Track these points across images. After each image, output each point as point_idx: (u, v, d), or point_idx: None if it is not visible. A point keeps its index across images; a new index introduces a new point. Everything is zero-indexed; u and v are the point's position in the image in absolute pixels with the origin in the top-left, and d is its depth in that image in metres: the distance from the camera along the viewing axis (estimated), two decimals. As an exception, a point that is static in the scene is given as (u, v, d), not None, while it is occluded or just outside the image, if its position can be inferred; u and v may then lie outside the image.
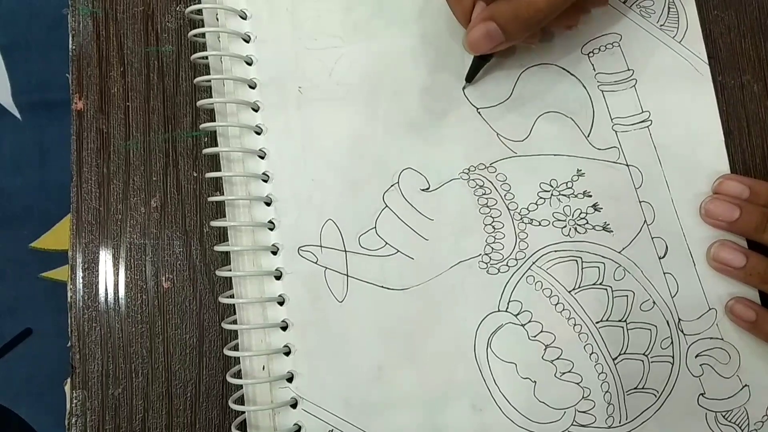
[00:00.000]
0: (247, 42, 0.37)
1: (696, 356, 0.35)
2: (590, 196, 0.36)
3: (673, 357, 0.35)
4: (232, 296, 0.35)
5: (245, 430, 0.34)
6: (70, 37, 0.39)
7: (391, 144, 0.37)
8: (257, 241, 0.36)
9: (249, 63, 0.37)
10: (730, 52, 0.38)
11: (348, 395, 0.35)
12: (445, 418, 0.35)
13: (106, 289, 0.37)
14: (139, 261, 0.38)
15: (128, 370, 0.37)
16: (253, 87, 0.37)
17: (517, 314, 0.35)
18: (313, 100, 0.37)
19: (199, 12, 0.37)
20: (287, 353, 0.35)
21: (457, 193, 0.36)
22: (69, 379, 0.37)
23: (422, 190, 0.36)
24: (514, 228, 0.36)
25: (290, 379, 0.35)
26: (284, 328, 0.35)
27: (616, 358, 0.35)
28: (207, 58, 0.37)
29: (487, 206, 0.36)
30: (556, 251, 0.36)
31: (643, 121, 0.37)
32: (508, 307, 0.35)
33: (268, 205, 0.36)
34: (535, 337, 0.35)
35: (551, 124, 0.37)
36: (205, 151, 0.37)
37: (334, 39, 0.37)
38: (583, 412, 0.35)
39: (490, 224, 0.36)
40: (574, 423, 0.35)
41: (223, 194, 0.37)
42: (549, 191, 0.36)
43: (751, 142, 0.38)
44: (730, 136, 0.37)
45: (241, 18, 0.37)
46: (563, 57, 0.37)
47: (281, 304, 0.35)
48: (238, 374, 0.35)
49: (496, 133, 0.37)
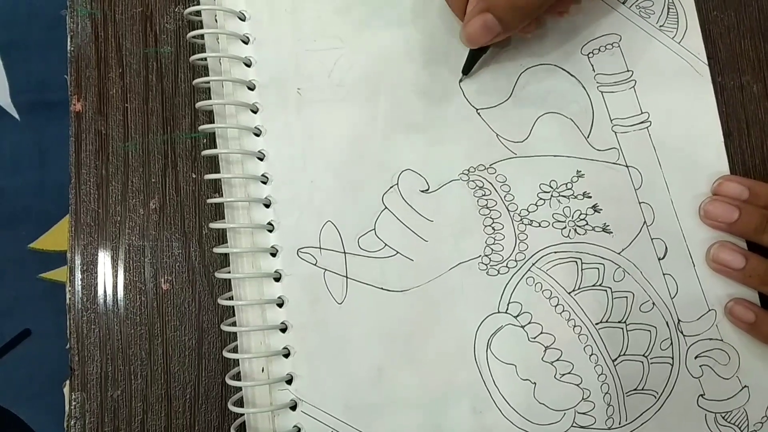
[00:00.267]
0: (246, 43, 0.37)
1: (695, 357, 0.35)
2: (590, 197, 0.36)
3: (673, 358, 0.35)
4: (232, 298, 0.35)
5: (245, 432, 0.35)
6: (68, 38, 0.39)
7: (391, 145, 0.37)
8: (256, 243, 0.36)
9: (248, 64, 0.37)
10: (730, 53, 0.38)
11: (347, 397, 0.35)
12: (445, 420, 0.35)
13: (105, 291, 0.37)
14: (137, 263, 0.38)
15: (127, 372, 0.37)
16: (252, 88, 0.37)
17: (517, 315, 0.35)
18: (312, 102, 0.37)
19: (198, 13, 0.37)
20: (286, 355, 0.35)
21: (457, 194, 0.36)
22: (68, 381, 0.37)
23: (422, 192, 0.36)
24: (514, 229, 0.36)
25: (289, 381, 0.35)
26: (283, 330, 0.35)
27: (616, 359, 0.35)
28: (206, 59, 0.37)
29: (487, 207, 0.36)
30: (555, 252, 0.36)
31: (642, 122, 0.37)
32: (507, 309, 0.35)
33: (268, 206, 0.36)
34: (535, 338, 0.35)
35: (551, 125, 0.37)
36: (204, 152, 0.37)
37: (334, 40, 0.37)
38: (583, 414, 0.35)
39: (489, 225, 0.36)
40: (574, 424, 0.35)
41: (222, 196, 0.36)
42: (549, 192, 0.36)
43: (750, 143, 0.38)
44: (730, 137, 0.37)
45: (240, 19, 0.37)
46: (563, 58, 0.37)
47: (280, 305, 0.35)
48: (238, 376, 0.35)
49: (496, 134, 0.37)
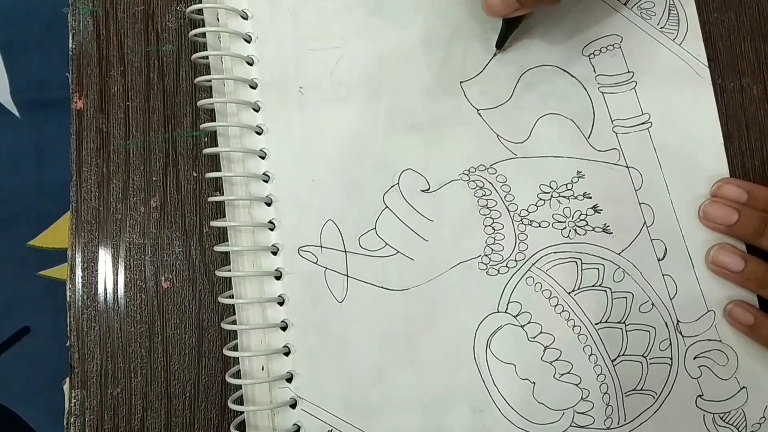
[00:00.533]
0: (248, 42, 0.37)
1: (694, 358, 0.35)
2: (590, 198, 0.36)
3: (672, 358, 0.35)
4: (232, 296, 0.35)
5: (244, 431, 0.35)
6: (70, 36, 0.39)
7: (392, 145, 0.37)
8: (257, 242, 0.36)
9: (250, 63, 0.37)
10: (730, 55, 0.38)
11: (347, 395, 0.35)
12: (445, 419, 0.35)
13: (105, 289, 0.37)
14: (138, 261, 0.38)
15: (127, 370, 0.37)
16: (254, 87, 0.37)
17: (517, 315, 0.35)
18: (314, 101, 0.37)
19: (200, 12, 0.37)
20: (287, 353, 0.35)
21: (457, 194, 0.36)
22: (68, 379, 0.37)
23: (422, 191, 0.36)
24: (514, 229, 0.36)
25: (290, 380, 0.35)
26: (284, 329, 0.35)
27: (615, 359, 0.35)
28: (207, 57, 0.37)
29: (487, 207, 0.36)
30: (555, 252, 0.36)
31: (643, 123, 0.37)
32: (507, 308, 0.35)
33: (269, 205, 0.36)
34: (535, 338, 0.35)
35: (551, 126, 0.37)
36: (206, 151, 0.37)
37: (336, 39, 0.37)
38: (582, 413, 0.35)
39: (490, 225, 0.36)
40: (573, 424, 0.35)
41: (223, 194, 0.37)
42: (549, 193, 0.36)
43: (750, 146, 0.38)
44: (730, 139, 0.38)
45: (243, 18, 0.37)
46: (564, 59, 0.38)
47: (281, 304, 0.35)
48: (238, 374, 0.35)
49: (497, 135, 0.37)
